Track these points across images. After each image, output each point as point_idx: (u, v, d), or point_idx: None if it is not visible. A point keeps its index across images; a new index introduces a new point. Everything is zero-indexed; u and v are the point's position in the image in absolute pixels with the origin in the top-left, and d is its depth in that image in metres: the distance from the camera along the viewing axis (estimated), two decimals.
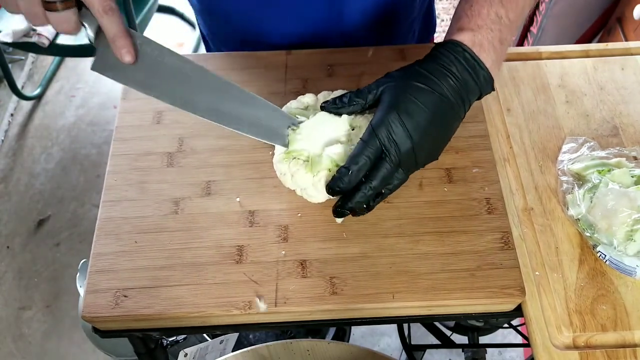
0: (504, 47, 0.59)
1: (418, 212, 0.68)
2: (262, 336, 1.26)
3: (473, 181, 0.70)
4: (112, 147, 0.75)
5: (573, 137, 0.75)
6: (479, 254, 0.65)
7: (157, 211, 0.69)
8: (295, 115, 0.65)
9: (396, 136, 0.55)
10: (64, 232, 1.85)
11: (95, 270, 0.65)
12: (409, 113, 0.55)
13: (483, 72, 0.57)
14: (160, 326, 0.65)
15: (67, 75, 2.29)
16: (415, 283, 0.63)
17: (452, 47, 0.57)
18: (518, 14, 0.60)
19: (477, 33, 0.57)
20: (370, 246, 0.65)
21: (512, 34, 0.60)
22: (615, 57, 0.85)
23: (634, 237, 0.63)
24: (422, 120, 0.55)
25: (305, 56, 0.83)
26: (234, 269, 0.64)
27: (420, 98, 0.56)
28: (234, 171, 0.72)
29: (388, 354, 0.83)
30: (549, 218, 0.70)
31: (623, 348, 0.61)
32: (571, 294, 0.64)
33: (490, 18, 0.58)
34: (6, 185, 1.97)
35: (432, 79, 0.56)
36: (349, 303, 0.62)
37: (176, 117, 0.77)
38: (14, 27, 1.66)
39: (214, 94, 0.61)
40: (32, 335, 1.64)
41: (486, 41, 0.57)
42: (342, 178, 0.57)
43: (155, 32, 2.23)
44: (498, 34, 0.58)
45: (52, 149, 2.06)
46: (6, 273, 1.76)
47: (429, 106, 0.56)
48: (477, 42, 0.57)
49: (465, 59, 0.57)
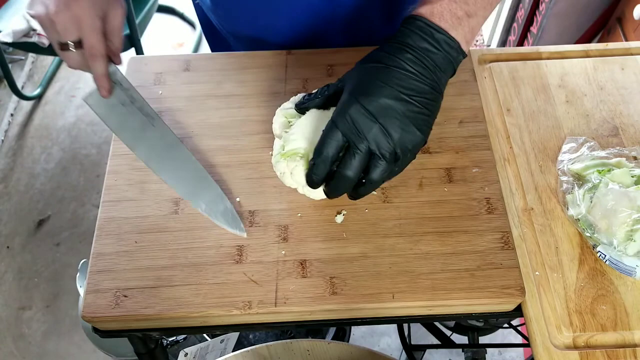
0: (473, 20, 0.57)
1: (418, 212, 0.68)
2: (262, 336, 1.26)
3: (473, 181, 0.70)
4: (112, 147, 0.75)
5: (573, 137, 0.75)
6: (478, 254, 0.65)
7: (157, 211, 0.69)
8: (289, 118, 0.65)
9: (358, 122, 0.53)
10: (64, 232, 1.85)
11: (96, 270, 0.65)
12: (368, 94, 0.54)
13: (443, 36, 0.55)
14: (160, 326, 0.65)
15: (67, 75, 2.28)
16: (416, 283, 0.63)
17: (408, 22, 0.56)
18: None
19: (436, 4, 0.55)
20: (370, 246, 0.65)
21: (483, 10, 0.58)
22: (615, 57, 0.85)
23: (634, 237, 0.63)
24: (382, 98, 0.53)
25: (305, 56, 0.83)
26: (234, 269, 0.64)
27: (377, 77, 0.54)
28: (234, 171, 0.72)
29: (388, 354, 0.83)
30: (549, 218, 0.70)
31: (623, 348, 0.61)
32: (571, 294, 0.64)
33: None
34: (6, 185, 1.97)
35: (387, 56, 0.55)
36: (349, 303, 0.62)
37: (176, 117, 0.77)
38: (14, 27, 1.66)
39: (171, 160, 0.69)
40: (32, 335, 1.64)
41: (447, 11, 0.55)
42: (312, 170, 0.57)
43: (155, 32, 2.23)
44: (463, 5, 0.56)
45: (52, 149, 2.06)
46: (6, 273, 1.76)
47: (387, 82, 0.54)
48: (435, 13, 0.55)
49: (419, 27, 0.55)
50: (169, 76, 0.81)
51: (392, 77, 0.54)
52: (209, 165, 0.72)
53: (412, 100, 0.54)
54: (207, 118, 0.77)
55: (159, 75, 0.81)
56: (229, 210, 0.67)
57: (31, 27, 1.67)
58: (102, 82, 0.64)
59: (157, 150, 0.69)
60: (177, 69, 0.82)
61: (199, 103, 0.78)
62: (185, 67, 0.82)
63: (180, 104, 0.78)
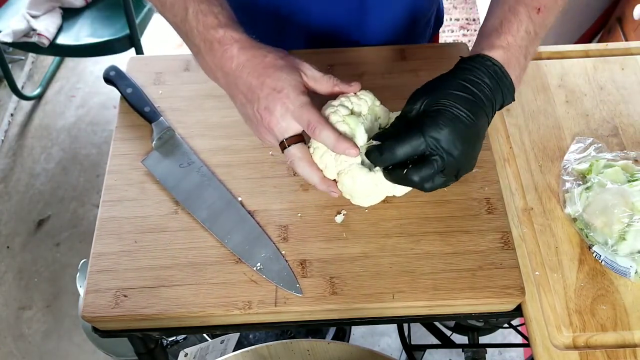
0: (527, 61, 0.61)
1: (418, 212, 0.68)
2: (262, 336, 1.26)
3: (473, 181, 0.70)
4: (112, 147, 0.75)
5: (581, 137, 0.75)
6: (479, 254, 0.65)
7: (157, 211, 0.69)
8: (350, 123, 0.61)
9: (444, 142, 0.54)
10: (64, 232, 1.85)
11: (96, 270, 0.65)
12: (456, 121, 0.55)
13: (508, 83, 0.58)
14: (160, 326, 0.65)
15: (67, 75, 2.28)
16: (416, 283, 0.63)
17: (483, 62, 0.58)
18: (544, 29, 0.61)
19: (507, 51, 0.58)
20: (370, 246, 0.65)
21: (536, 47, 0.61)
22: (615, 57, 0.85)
23: (626, 237, 0.63)
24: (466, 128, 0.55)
25: (305, 56, 0.82)
26: (234, 269, 0.64)
27: (464, 106, 0.55)
28: (234, 171, 0.72)
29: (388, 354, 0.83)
30: (549, 218, 0.70)
31: (623, 348, 0.61)
32: (571, 294, 0.64)
33: (520, 35, 0.59)
34: (6, 185, 1.97)
35: (472, 88, 0.56)
36: (349, 303, 0.62)
37: (176, 117, 0.77)
38: (14, 27, 1.66)
39: None
40: (32, 335, 1.64)
41: (514, 58, 0.59)
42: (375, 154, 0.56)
43: (155, 32, 2.23)
44: (524, 50, 0.59)
45: (52, 149, 2.06)
46: (6, 273, 1.76)
47: (473, 114, 0.55)
48: (506, 59, 0.58)
49: (494, 72, 0.57)
50: (169, 76, 0.81)
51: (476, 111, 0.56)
52: (209, 165, 0.72)
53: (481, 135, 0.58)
54: (207, 118, 0.77)
55: (159, 75, 0.81)
56: (284, 269, 0.64)
57: (31, 27, 1.67)
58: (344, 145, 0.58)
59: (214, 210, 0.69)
60: (177, 69, 0.82)
61: (199, 103, 0.78)
62: (185, 67, 0.82)
63: (180, 104, 0.78)
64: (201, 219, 0.68)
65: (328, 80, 0.60)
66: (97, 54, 1.77)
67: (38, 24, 1.68)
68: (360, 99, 0.62)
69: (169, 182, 0.70)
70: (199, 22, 0.57)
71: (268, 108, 0.57)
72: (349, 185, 0.60)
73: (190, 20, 0.58)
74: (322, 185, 0.61)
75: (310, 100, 0.58)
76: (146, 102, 0.76)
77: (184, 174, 0.71)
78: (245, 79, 0.57)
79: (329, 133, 0.56)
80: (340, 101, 0.61)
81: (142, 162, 0.72)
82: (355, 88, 0.62)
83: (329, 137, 0.56)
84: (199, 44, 0.58)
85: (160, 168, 0.71)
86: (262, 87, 0.56)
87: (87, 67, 2.30)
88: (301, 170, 0.60)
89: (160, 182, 0.70)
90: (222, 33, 0.57)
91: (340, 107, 0.60)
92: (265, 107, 0.57)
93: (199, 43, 0.58)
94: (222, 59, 0.57)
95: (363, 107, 0.62)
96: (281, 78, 0.57)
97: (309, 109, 0.57)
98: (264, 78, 0.56)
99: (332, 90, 0.61)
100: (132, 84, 0.78)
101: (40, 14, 1.71)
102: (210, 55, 0.58)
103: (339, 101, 0.61)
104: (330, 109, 0.60)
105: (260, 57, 0.57)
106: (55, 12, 1.75)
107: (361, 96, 0.62)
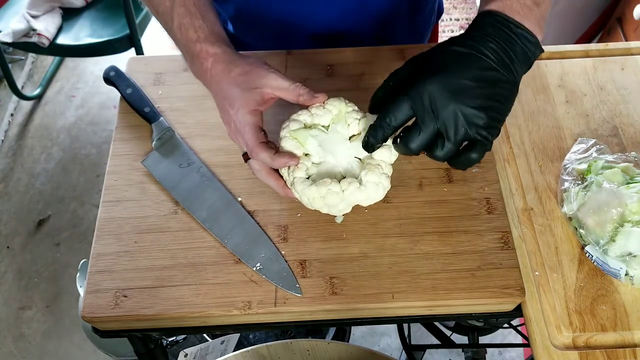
0: (542, 8, 0.56)
1: (418, 212, 0.68)
2: (262, 336, 1.26)
3: (473, 181, 0.70)
4: (112, 147, 0.75)
5: (584, 138, 0.74)
6: (479, 254, 0.65)
7: (157, 211, 0.69)
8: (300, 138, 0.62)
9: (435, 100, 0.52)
10: (64, 232, 1.84)
11: (96, 270, 0.65)
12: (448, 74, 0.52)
13: (522, 31, 0.54)
14: (160, 326, 0.65)
15: (67, 75, 2.28)
16: (416, 283, 0.63)
17: (482, 18, 0.55)
18: None
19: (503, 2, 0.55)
20: (370, 246, 0.65)
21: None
22: (615, 57, 0.85)
23: (615, 238, 0.63)
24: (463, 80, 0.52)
25: (305, 56, 0.83)
26: (234, 269, 0.64)
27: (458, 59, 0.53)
28: (234, 171, 0.72)
29: (388, 354, 0.83)
30: (549, 218, 0.70)
31: (623, 348, 0.61)
32: (571, 294, 0.64)
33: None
34: (6, 185, 1.97)
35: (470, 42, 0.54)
36: (349, 303, 0.62)
37: (176, 117, 0.77)
38: (14, 27, 1.66)
39: None
40: (32, 335, 1.64)
41: (516, 4, 0.55)
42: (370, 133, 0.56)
43: (155, 32, 2.23)
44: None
45: (52, 149, 2.06)
46: (6, 273, 1.76)
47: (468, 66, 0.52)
48: (506, 7, 0.54)
49: (497, 21, 0.54)
50: (169, 76, 0.81)
51: (473, 62, 0.53)
52: (209, 165, 0.72)
53: (490, 88, 0.53)
54: (207, 118, 0.77)
55: (158, 76, 0.81)
56: (284, 270, 0.64)
57: (31, 27, 1.67)
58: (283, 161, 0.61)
59: (214, 210, 0.69)
60: (177, 69, 0.82)
61: (199, 103, 0.78)
62: (185, 67, 0.82)
63: (180, 104, 0.78)
64: (201, 219, 0.68)
65: (294, 90, 0.61)
66: (97, 54, 1.77)
67: (38, 24, 1.68)
68: (325, 109, 0.62)
69: (169, 183, 0.70)
70: (182, 35, 0.62)
71: (226, 122, 0.62)
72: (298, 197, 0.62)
73: (175, 33, 0.63)
74: (282, 192, 0.64)
75: (257, 120, 0.60)
76: (146, 103, 0.76)
77: (184, 174, 0.71)
78: (214, 91, 0.62)
79: (265, 155, 0.60)
80: (298, 114, 0.63)
81: (142, 162, 0.72)
82: (320, 99, 0.62)
83: (265, 158, 0.60)
84: (184, 54, 0.64)
85: (160, 168, 0.72)
86: (222, 102, 0.61)
87: (87, 67, 2.30)
88: (262, 179, 0.64)
89: (160, 182, 0.70)
90: (199, 47, 0.61)
91: (291, 122, 0.63)
92: (225, 121, 0.62)
93: (184, 53, 0.64)
94: (200, 70, 0.62)
95: (325, 118, 0.63)
96: (234, 96, 0.60)
97: (249, 130, 0.60)
98: (223, 93, 0.61)
99: (297, 100, 0.62)
100: (132, 84, 0.78)
101: (40, 14, 1.71)
102: (192, 65, 0.63)
103: (297, 114, 0.63)
104: (285, 124, 0.63)
105: (227, 72, 0.60)
106: (55, 12, 1.75)
107: (327, 106, 0.63)
